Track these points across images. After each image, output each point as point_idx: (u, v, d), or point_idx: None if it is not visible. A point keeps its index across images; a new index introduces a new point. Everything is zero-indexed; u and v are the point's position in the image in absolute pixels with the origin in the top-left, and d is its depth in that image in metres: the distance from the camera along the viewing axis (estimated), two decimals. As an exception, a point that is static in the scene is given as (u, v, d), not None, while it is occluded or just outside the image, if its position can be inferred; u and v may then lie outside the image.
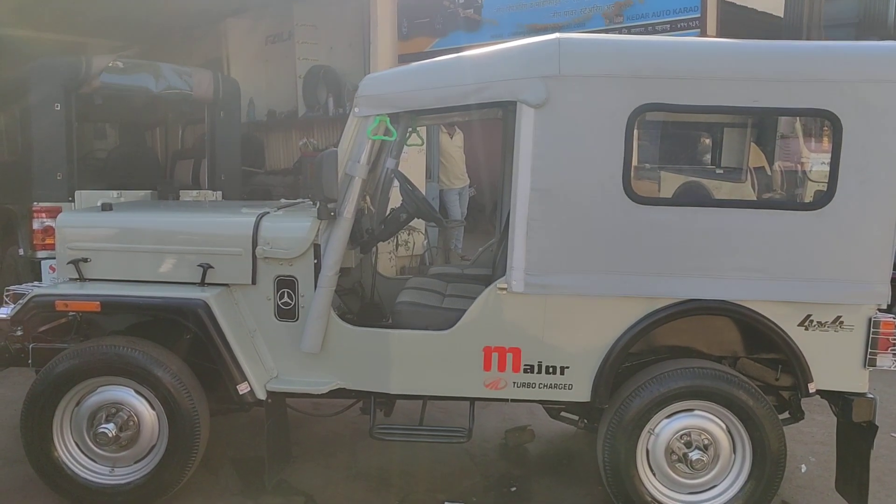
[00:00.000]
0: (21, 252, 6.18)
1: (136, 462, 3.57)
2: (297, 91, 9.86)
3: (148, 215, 3.93)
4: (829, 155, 3.23)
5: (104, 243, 3.69)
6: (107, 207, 3.88)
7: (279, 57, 10.21)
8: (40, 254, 5.87)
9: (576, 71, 3.27)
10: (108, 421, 3.50)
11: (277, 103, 10.24)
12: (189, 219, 3.89)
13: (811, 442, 4.59)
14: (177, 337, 3.63)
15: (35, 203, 5.87)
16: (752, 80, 3.24)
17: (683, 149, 6.20)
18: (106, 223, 3.76)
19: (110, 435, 3.46)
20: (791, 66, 3.27)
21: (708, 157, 5.86)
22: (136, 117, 7.65)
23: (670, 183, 6.04)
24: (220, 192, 6.90)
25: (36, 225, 5.84)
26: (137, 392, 3.53)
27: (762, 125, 5.66)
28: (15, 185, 6.37)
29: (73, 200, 5.96)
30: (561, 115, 3.28)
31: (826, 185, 3.28)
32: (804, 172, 6.44)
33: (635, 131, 3.29)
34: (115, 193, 6.12)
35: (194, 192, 6.80)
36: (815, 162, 6.59)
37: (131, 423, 3.51)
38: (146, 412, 3.53)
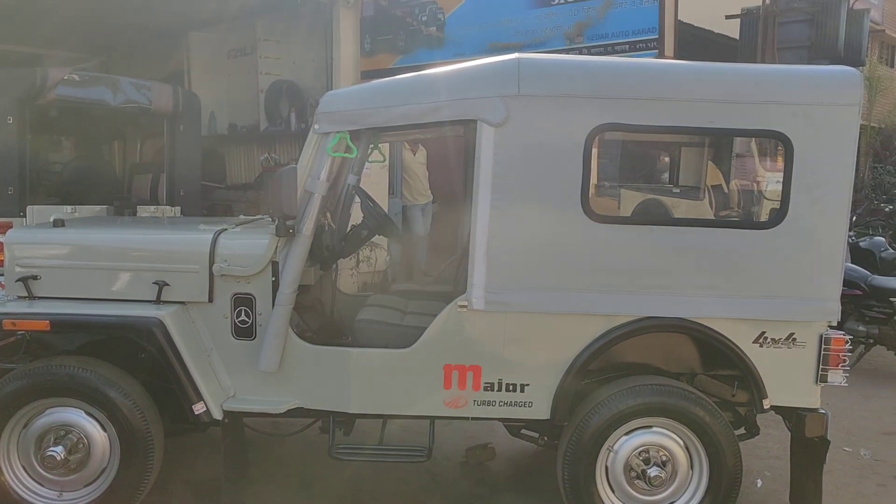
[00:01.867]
0: (-29, 268, 6.00)
1: (85, 486, 3.48)
2: (259, 105, 9.80)
3: (102, 232, 3.85)
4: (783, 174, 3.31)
5: (55, 260, 3.61)
6: (59, 223, 3.79)
7: (242, 71, 10.14)
8: (-1, 271, 5.69)
9: (535, 91, 3.30)
10: (56, 444, 3.40)
11: (239, 117, 10.15)
12: (145, 235, 3.82)
13: (766, 457, 4.66)
14: (131, 356, 3.55)
15: (-15, 218, 5.71)
16: (707, 102, 3.30)
17: (643, 167, 6.30)
18: (57, 240, 3.67)
19: (59, 458, 3.36)
20: (745, 88, 3.34)
21: (666, 175, 5.96)
22: (93, 131, 7.51)
23: (630, 201, 6.12)
24: (178, 208, 6.79)
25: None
26: (88, 413, 3.44)
27: (719, 144, 5.77)
28: (-34, 200, 6.19)
29: (24, 216, 5.80)
30: (520, 133, 3.30)
31: (780, 204, 3.36)
32: (760, 191, 6.58)
33: (593, 150, 3.33)
34: (69, 209, 5.97)
35: (152, 208, 6.69)
36: (771, 181, 6.75)
37: (81, 445, 3.42)
38: (97, 434, 3.44)
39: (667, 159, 6.06)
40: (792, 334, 3.40)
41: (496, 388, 3.44)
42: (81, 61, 10.32)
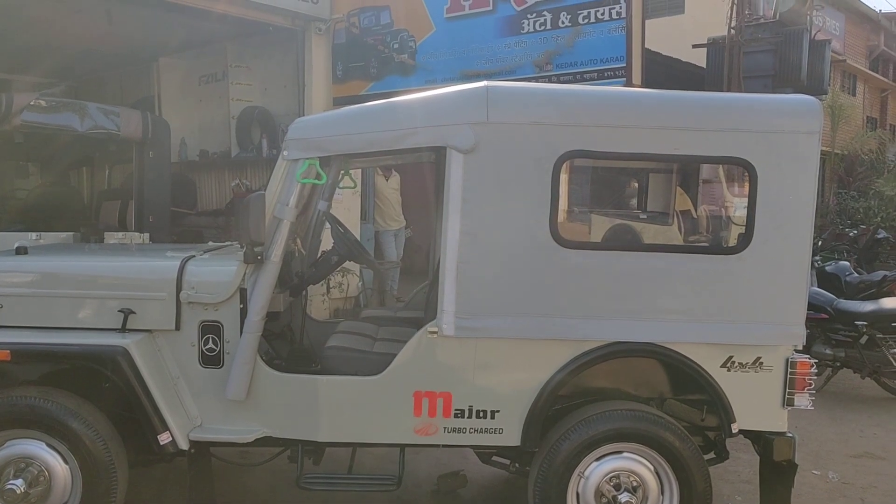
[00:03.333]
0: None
1: (45, 521, 3.38)
2: (230, 131, 9.77)
3: (66, 259, 3.79)
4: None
5: (17, 288, 3.53)
6: (21, 251, 3.72)
7: (212, 97, 10.12)
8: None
9: (503, 118, 3.33)
10: (16, 476, 3.30)
11: (210, 143, 10.11)
12: (110, 262, 3.76)
13: (737, 481, 4.68)
14: (94, 386, 3.48)
15: (-52, 245, 5.58)
16: (672, 129, 3.36)
17: (612, 193, 6.35)
18: (20, 267, 3.60)
19: (18, 492, 3.26)
20: (709, 116, 3.41)
21: (635, 201, 6.03)
22: (60, 156, 7.42)
23: (600, 226, 6.19)
24: (147, 235, 6.72)
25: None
26: (49, 445, 3.35)
27: (687, 170, 5.86)
28: (-74, 226, 6.08)
29: (-12, 242, 5.69)
30: (489, 160, 3.32)
31: (745, 229, 3.41)
32: (728, 216, 6.68)
33: (562, 176, 3.36)
34: (34, 235, 5.88)
35: (120, 234, 6.61)
36: (738, 206, 6.85)
37: (42, 478, 3.33)
38: (58, 466, 3.35)
39: (635, 185, 6.13)
40: (759, 358, 3.43)
41: (466, 414, 3.42)
42: (49, 86, 10.22)
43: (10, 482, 3.28)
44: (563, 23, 7.05)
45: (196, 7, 7.55)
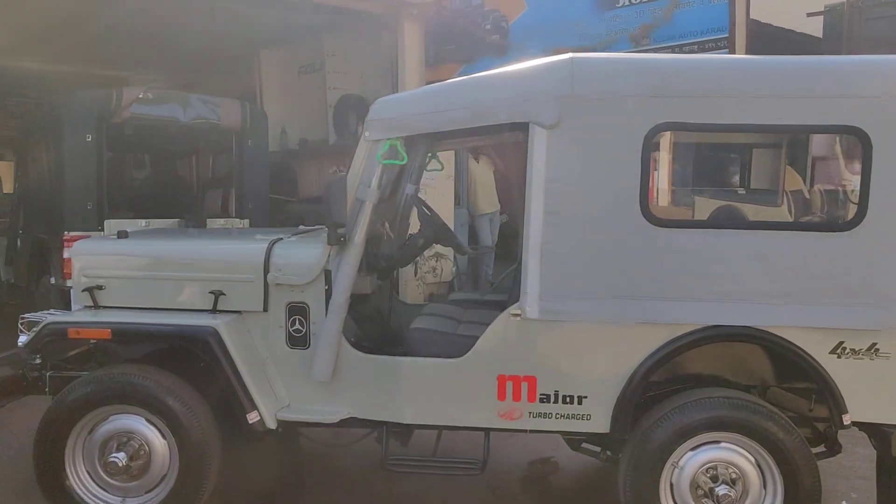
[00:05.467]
0: (52, 281, 6.26)
1: (146, 492, 3.53)
2: (328, 120, 9.92)
3: (162, 243, 3.93)
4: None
5: (118, 270, 3.70)
6: (122, 235, 3.89)
7: (311, 87, 10.29)
8: (70, 282, 5.91)
9: (589, 90, 3.18)
10: (119, 450, 3.46)
11: (309, 132, 10.30)
12: (201, 246, 3.88)
13: (852, 477, 4.35)
14: (191, 365, 3.60)
15: (66, 232, 5.95)
16: (774, 97, 3.12)
17: (712, 170, 6.02)
18: (120, 251, 3.77)
19: (121, 464, 3.42)
20: (815, 82, 3.14)
21: (737, 178, 5.69)
22: (167, 147, 7.76)
23: (704, 208, 5.88)
24: (247, 221, 6.93)
25: (66, 254, 5.89)
26: (149, 421, 3.49)
27: (795, 145, 5.48)
28: (48, 216, 6.48)
29: (102, 230, 6.02)
30: (574, 135, 3.19)
31: (858, 204, 3.13)
32: (845, 194, 6.21)
33: (653, 152, 3.19)
34: (143, 222, 6.18)
35: (221, 221, 6.85)
36: (857, 183, 6.35)
37: (142, 452, 3.47)
38: (157, 441, 3.49)
39: (737, 163, 5.79)
40: (874, 345, 3.15)
41: (552, 399, 3.32)
42: (161, 83, 10.73)
43: (113, 455, 3.45)
44: (659, -6, 6.74)
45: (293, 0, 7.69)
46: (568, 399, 3.31)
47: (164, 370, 3.54)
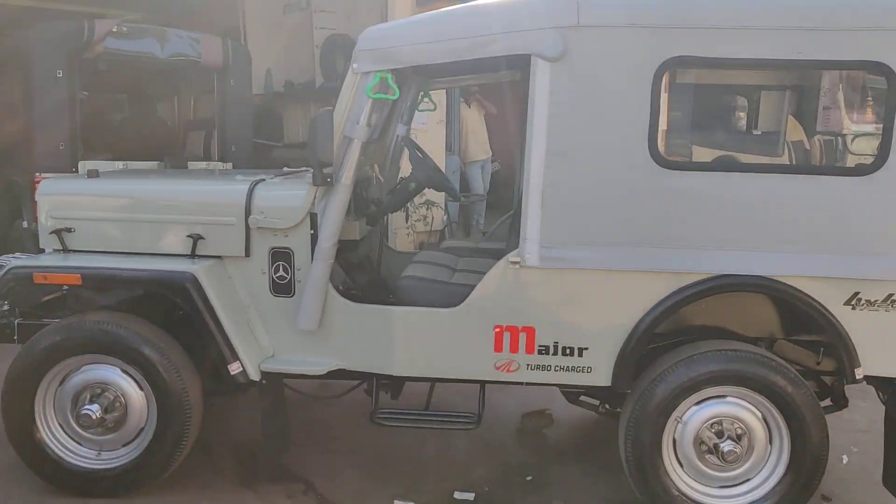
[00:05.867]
0: (25, 224, 6.00)
1: (123, 445, 3.36)
2: (314, 61, 9.58)
3: (136, 183, 3.68)
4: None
5: (89, 212, 3.46)
6: (93, 174, 3.64)
7: (297, 27, 9.91)
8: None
9: (597, 20, 2.94)
10: (92, 402, 3.27)
11: (296, 74, 9.94)
12: (178, 186, 3.64)
13: (853, 430, 4.26)
14: (169, 313, 3.40)
15: (37, 174, 5.66)
16: (793, 30, 2.88)
17: (716, 118, 5.79)
18: (90, 191, 3.52)
19: (94, 417, 3.24)
20: (839, 11, 2.89)
21: (744, 123, 5.47)
22: (144, 85, 7.41)
23: (701, 157, 5.67)
24: (230, 164, 6.65)
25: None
26: (124, 371, 3.30)
27: (802, 91, 5.26)
28: (19, 157, 6.17)
29: (76, 171, 5.74)
30: (580, 69, 2.96)
31: (879, 147, 2.93)
32: (845, 146, 6.01)
33: (663, 88, 2.96)
34: (120, 164, 5.89)
35: (203, 164, 6.57)
36: (858, 135, 6.15)
37: (118, 404, 3.29)
38: (134, 393, 3.31)
39: (743, 108, 5.56)
40: (891, 295, 3.00)
41: (551, 351, 3.15)
42: (138, 19, 10.26)
43: (86, 407, 3.26)
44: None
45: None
46: (568, 351, 3.15)
47: (141, 318, 3.34)
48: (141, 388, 3.31)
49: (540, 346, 3.16)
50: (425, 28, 3.22)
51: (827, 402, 3.39)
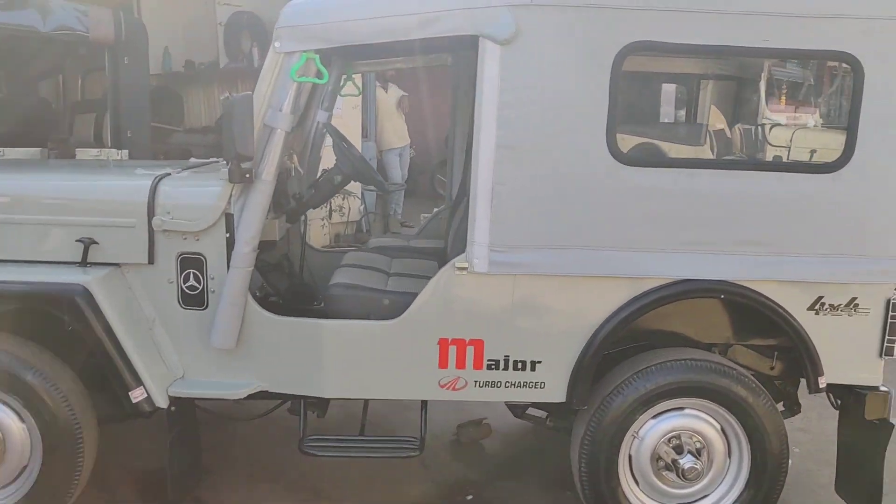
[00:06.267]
0: None
1: (3, 486, 2.86)
2: (217, 40, 8.98)
3: (16, 177, 3.13)
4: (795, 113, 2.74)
5: (-43, 212, 2.90)
6: (-39, 167, 3.07)
7: (198, 2, 9.26)
8: None
9: (552, -1, 2.64)
10: (-38, 440, 2.76)
11: (197, 53, 9.30)
12: (67, 181, 3.11)
13: (789, 429, 4.14)
14: (56, 332, 2.90)
15: None
16: (762, 15, 2.67)
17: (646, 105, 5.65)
18: (-43, 187, 2.96)
19: (-37, 457, 2.73)
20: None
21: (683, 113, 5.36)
22: (24, 62, 6.63)
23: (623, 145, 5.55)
24: (126, 152, 6.01)
25: None
26: (3, 402, 2.79)
27: (736, 81, 5.19)
28: None
29: (-57, 159, 5.01)
30: (533, 53, 2.66)
31: (844, 143, 2.77)
32: (764, 136, 6.03)
33: (622, 75, 2.70)
34: (-5, 151, 5.19)
35: (94, 151, 5.90)
36: (776, 123, 6.19)
37: (-6, 440, 2.78)
38: (13, 426, 2.80)
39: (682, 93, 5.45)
40: (854, 299, 2.87)
41: (502, 366, 2.87)
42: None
43: (-45, 447, 2.73)
44: None
45: None
46: (519, 365, 2.87)
47: (21, 337, 2.83)
48: (22, 420, 2.81)
49: (489, 360, 2.86)
50: (358, 3, 2.82)
51: (780, 408, 3.25)
